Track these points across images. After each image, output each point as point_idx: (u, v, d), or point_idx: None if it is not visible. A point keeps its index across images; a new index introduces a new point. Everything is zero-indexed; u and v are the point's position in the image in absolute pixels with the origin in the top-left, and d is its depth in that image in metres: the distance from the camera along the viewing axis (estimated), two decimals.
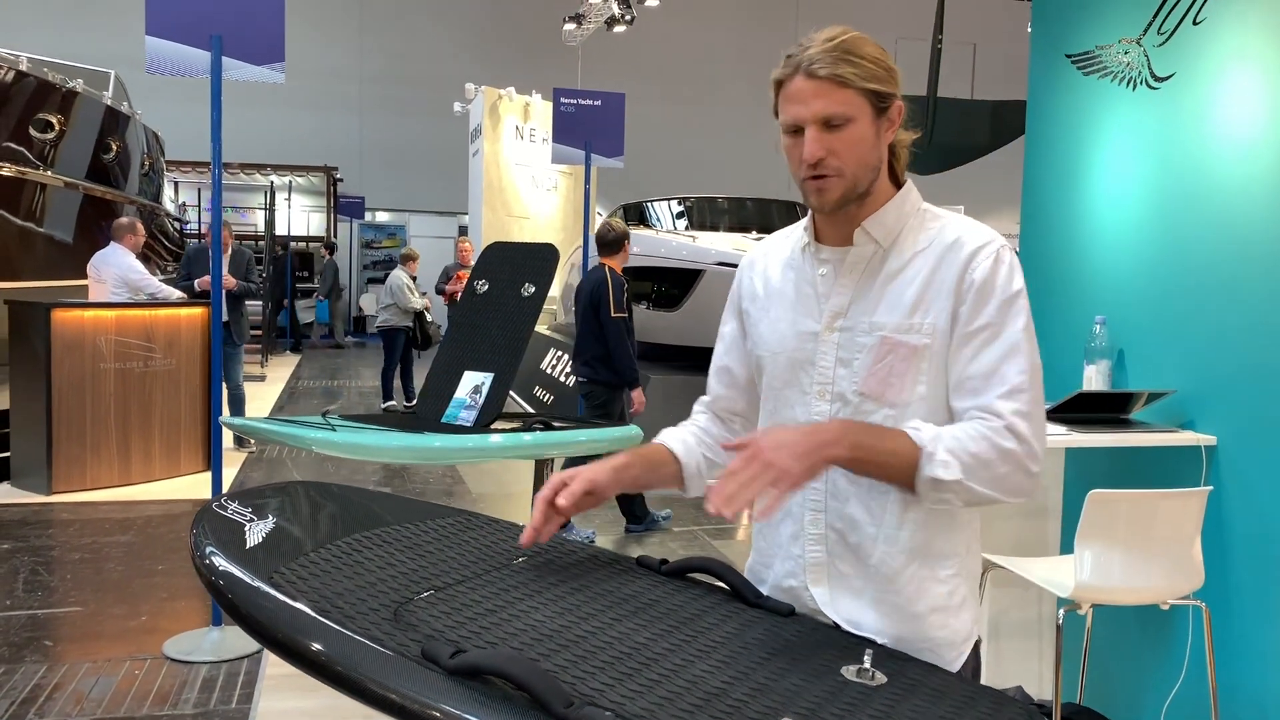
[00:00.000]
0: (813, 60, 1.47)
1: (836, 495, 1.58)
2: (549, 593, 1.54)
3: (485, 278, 4.22)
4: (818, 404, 1.57)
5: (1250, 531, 2.72)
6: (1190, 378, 2.95)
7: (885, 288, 1.53)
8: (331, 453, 3.41)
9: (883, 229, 1.55)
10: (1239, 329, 2.81)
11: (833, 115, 1.46)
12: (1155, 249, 3.12)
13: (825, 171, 1.48)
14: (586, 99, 7.04)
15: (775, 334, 1.64)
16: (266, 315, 14.37)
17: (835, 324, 1.56)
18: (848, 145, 1.47)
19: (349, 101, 20.14)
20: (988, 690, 1.39)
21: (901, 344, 1.51)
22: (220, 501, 1.74)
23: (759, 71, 7.55)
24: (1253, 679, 2.70)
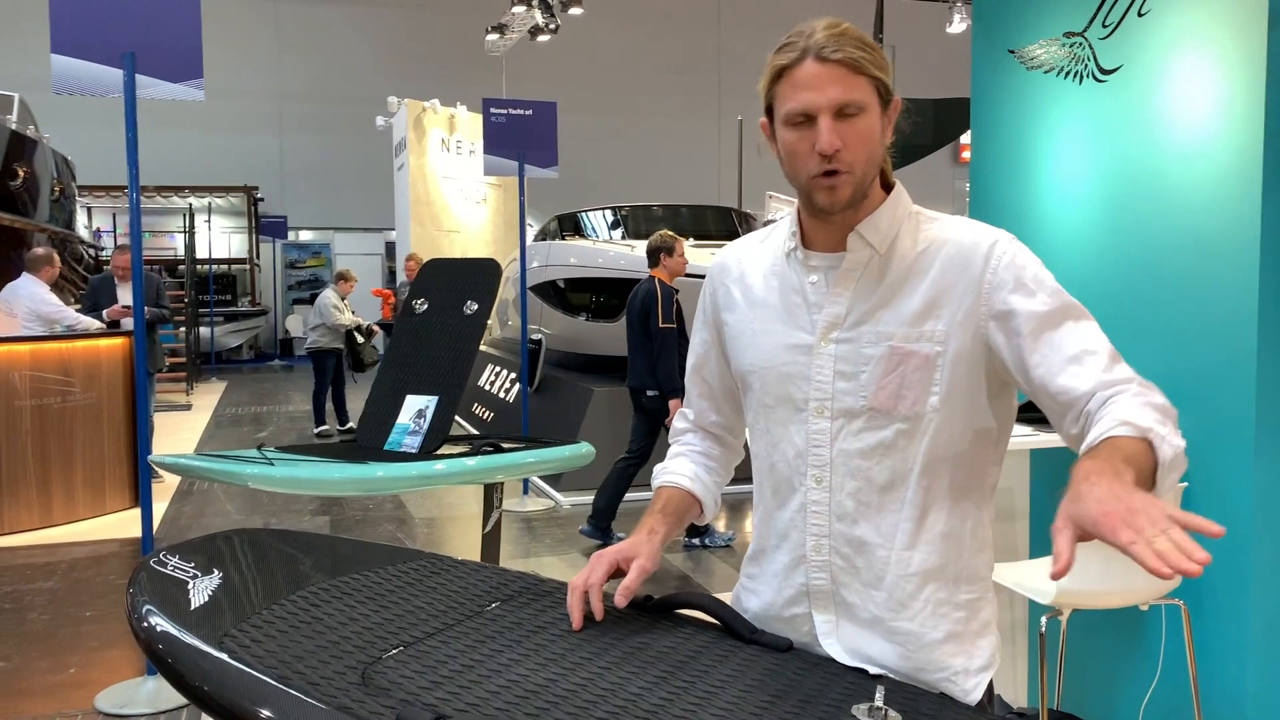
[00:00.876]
0: (824, 44, 1.36)
1: (843, 518, 1.47)
2: (529, 641, 1.42)
3: (424, 296, 4.06)
4: (816, 421, 1.47)
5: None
6: (1150, 373, 2.91)
7: (890, 295, 1.44)
8: (270, 488, 3.23)
9: (877, 233, 1.45)
10: (1194, 321, 2.79)
11: (849, 102, 1.36)
12: (1107, 243, 3.10)
13: (840, 166, 1.37)
14: (518, 109, 6.91)
15: (761, 348, 1.53)
16: (189, 341, 13.94)
17: (831, 335, 1.46)
18: (860, 138, 1.37)
19: (268, 119, 19.70)
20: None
21: (914, 353, 1.41)
22: (159, 556, 1.59)
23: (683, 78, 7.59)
24: (1229, 676, 2.67)
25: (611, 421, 7.52)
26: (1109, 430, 1.25)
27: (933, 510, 1.45)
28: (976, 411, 1.44)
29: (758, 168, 18.03)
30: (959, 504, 1.46)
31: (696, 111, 21.53)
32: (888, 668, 1.45)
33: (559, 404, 8.31)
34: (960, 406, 1.43)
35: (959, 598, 1.46)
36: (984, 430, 1.46)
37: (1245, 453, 2.62)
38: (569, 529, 6.45)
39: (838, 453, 1.46)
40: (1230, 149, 2.67)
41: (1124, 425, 1.25)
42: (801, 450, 1.49)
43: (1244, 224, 2.62)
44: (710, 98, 21.67)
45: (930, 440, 1.43)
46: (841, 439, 1.46)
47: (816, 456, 1.47)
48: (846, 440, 1.46)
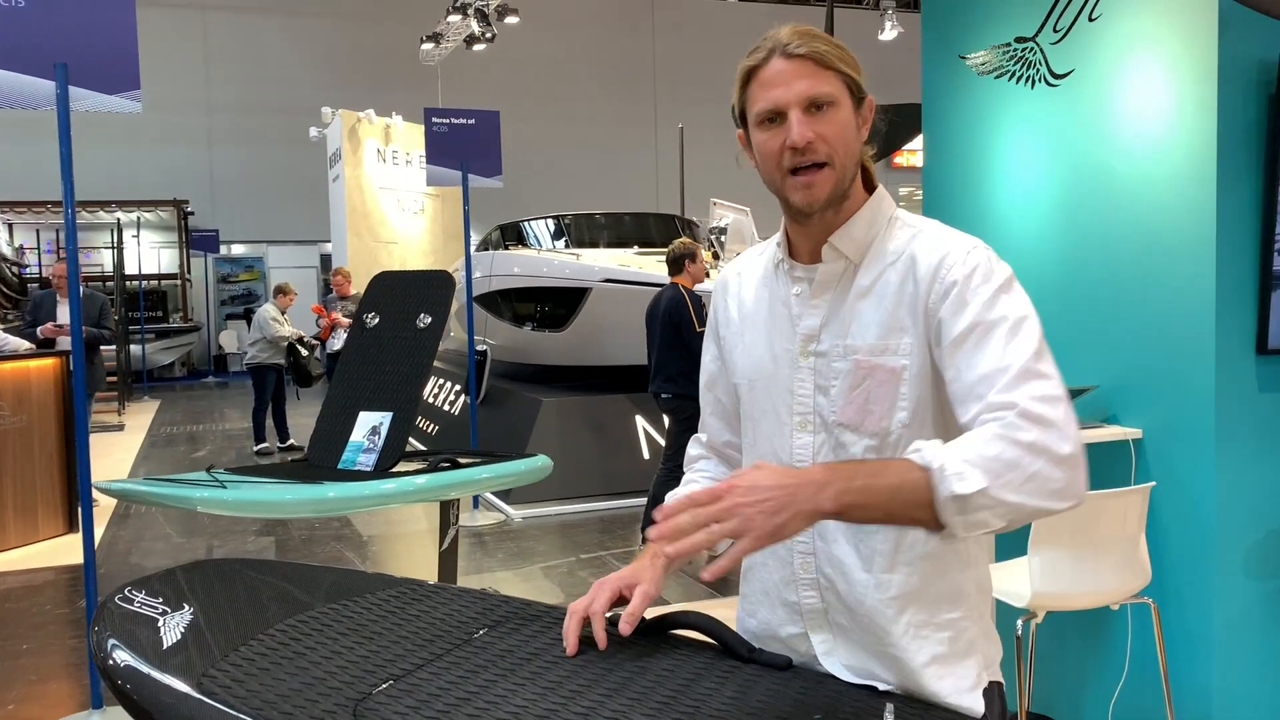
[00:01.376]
0: (788, 41, 1.36)
1: (824, 536, 1.44)
2: (523, 670, 1.37)
3: (375, 310, 3.98)
4: (799, 435, 1.45)
5: (1183, 524, 2.73)
6: (1109, 373, 2.95)
7: (857, 306, 1.41)
8: (223, 512, 3.13)
9: (852, 243, 1.42)
10: (1154, 319, 2.83)
11: (818, 95, 1.34)
12: (1063, 245, 3.13)
13: (816, 158, 1.35)
14: (460, 118, 6.82)
15: (750, 360, 1.51)
16: (121, 359, 13.57)
17: (809, 348, 1.44)
18: (835, 130, 1.35)
19: (197, 132, 19.27)
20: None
21: (879, 367, 1.38)
22: (124, 592, 1.51)
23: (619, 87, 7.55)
24: (1195, 672, 2.70)
25: (562, 432, 7.46)
26: (910, 449, 1.22)
27: (910, 531, 1.38)
28: (950, 428, 1.36)
29: (700, 174, 18.09)
30: None
31: (633, 120, 21.55)
32: (890, 686, 1.41)
33: (506, 416, 8.22)
34: (930, 422, 1.38)
35: (940, 618, 1.42)
36: None
37: (1207, 450, 2.66)
38: (521, 543, 6.37)
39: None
40: (1183, 150, 2.71)
41: (923, 449, 1.20)
42: (787, 464, 1.46)
43: (1199, 224, 2.66)
44: (646, 105, 21.71)
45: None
46: (823, 454, 1.44)
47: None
48: (826, 455, 1.43)
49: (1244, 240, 2.63)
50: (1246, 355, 2.66)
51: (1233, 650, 2.69)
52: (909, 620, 1.41)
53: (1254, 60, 2.61)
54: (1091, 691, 2.99)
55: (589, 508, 7.12)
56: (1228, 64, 2.60)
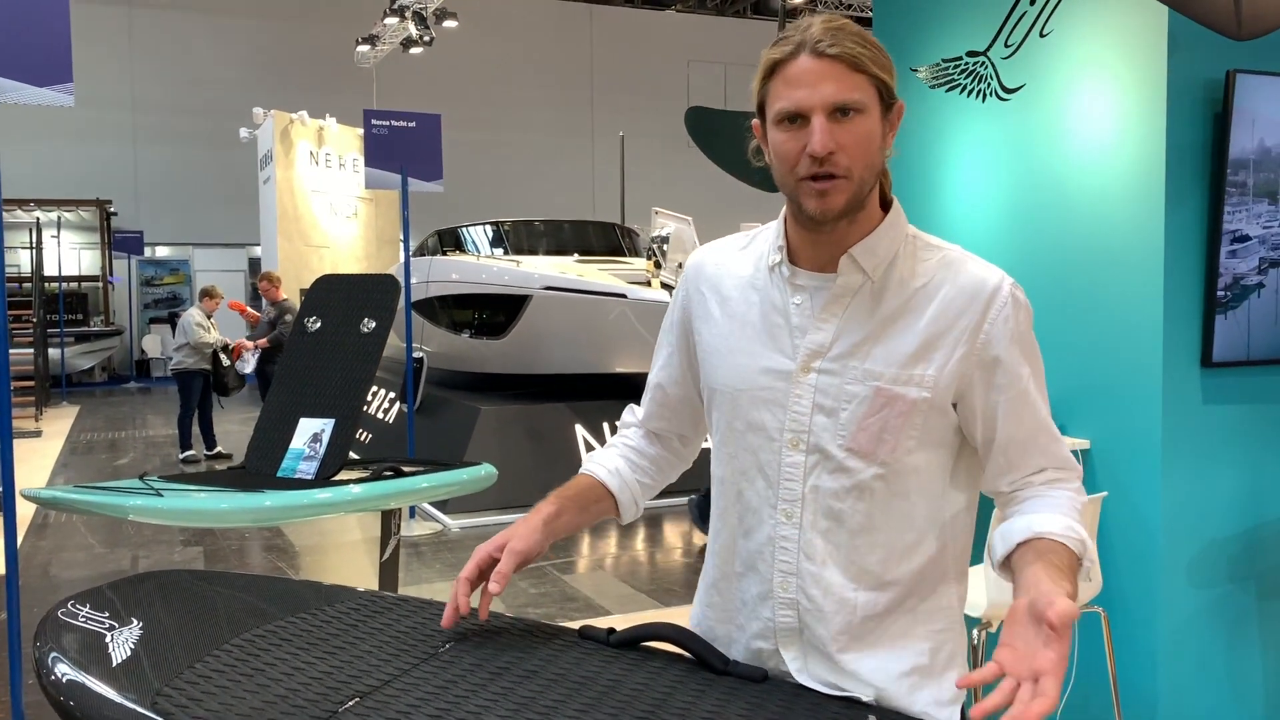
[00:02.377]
0: (820, 38, 1.26)
1: (811, 557, 1.40)
2: (495, 685, 1.32)
3: (316, 314, 3.88)
4: (790, 454, 1.39)
5: (1130, 533, 2.78)
6: (1058, 384, 2.98)
7: (883, 331, 1.35)
8: (158, 521, 3.01)
9: (873, 258, 1.35)
10: (1102, 332, 2.87)
11: (846, 101, 1.25)
12: (1014, 258, 3.16)
13: (833, 170, 1.26)
14: (400, 120, 6.72)
15: (735, 368, 1.44)
16: (39, 363, 13.11)
17: (813, 364, 1.37)
18: (858, 141, 1.27)
19: (121, 130, 18.75)
20: None
21: (901, 397, 1.33)
22: (67, 607, 1.43)
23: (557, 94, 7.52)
24: (1141, 678, 2.75)
25: (500, 440, 7.38)
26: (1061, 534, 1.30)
27: (903, 550, 1.39)
28: (947, 451, 1.40)
29: (639, 183, 18.10)
30: (929, 539, 1.40)
31: (571, 128, 21.52)
32: (867, 697, 1.39)
33: (443, 424, 8.10)
34: (935, 448, 1.38)
35: (922, 629, 1.41)
36: (952, 465, 1.41)
37: (1153, 462, 2.70)
38: (459, 553, 6.27)
39: (810, 489, 1.39)
40: (1132, 165, 2.76)
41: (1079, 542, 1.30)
42: (773, 482, 1.41)
43: (1147, 236, 2.71)
44: (583, 114, 21.71)
45: (905, 483, 1.37)
46: (815, 476, 1.38)
47: (788, 490, 1.40)
48: (820, 478, 1.38)
49: (1190, 255, 2.68)
50: (1192, 368, 2.71)
51: (1177, 657, 2.74)
52: (893, 633, 1.39)
53: (1201, 79, 2.67)
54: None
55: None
56: (1176, 82, 2.65)
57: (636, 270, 8.04)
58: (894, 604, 1.39)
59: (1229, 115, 2.65)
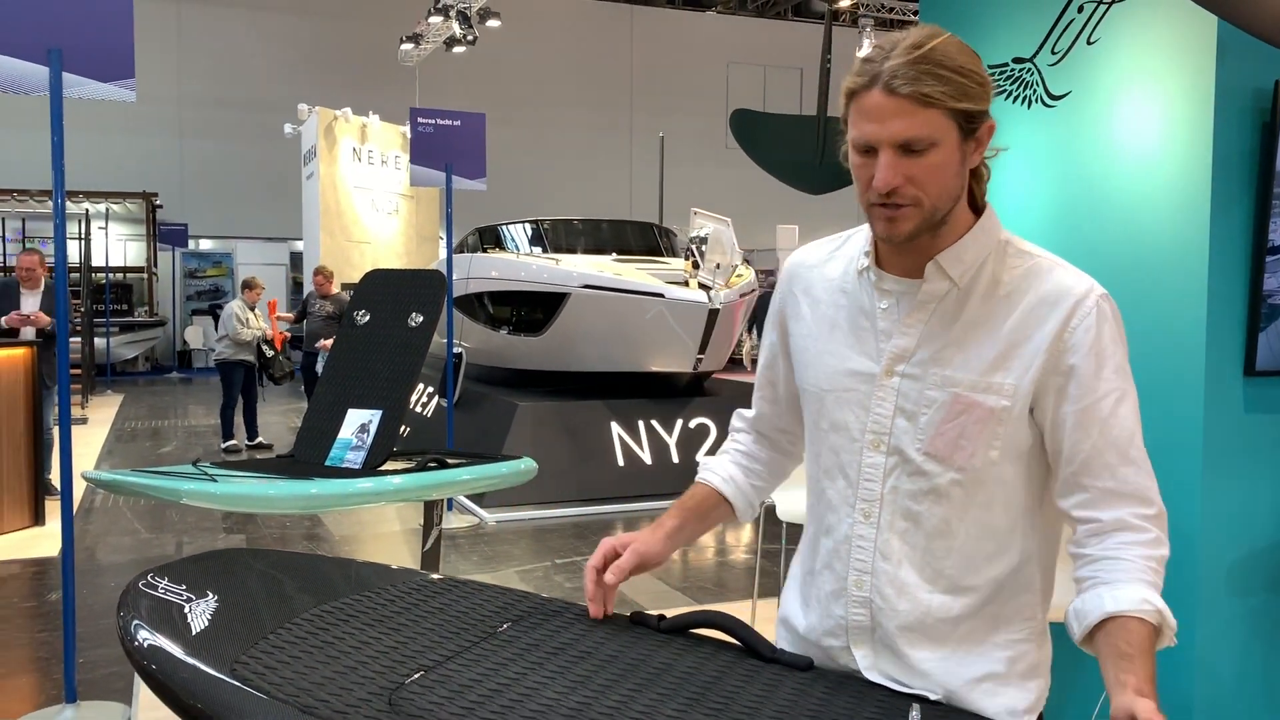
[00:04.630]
0: (894, 73, 1.25)
1: (888, 557, 1.41)
2: (551, 664, 1.38)
3: (366, 308, 3.96)
4: (870, 455, 1.41)
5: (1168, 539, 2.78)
6: None
7: (965, 337, 1.36)
8: (209, 505, 3.10)
9: (960, 265, 1.36)
10: (1144, 340, 2.88)
11: (914, 139, 1.26)
12: None
13: (901, 200, 1.29)
14: (445, 119, 6.81)
15: (822, 368, 1.46)
16: (86, 352, 13.37)
17: (897, 368, 1.39)
18: (929, 173, 1.28)
19: (168, 124, 19.07)
20: None
21: (978, 404, 1.34)
22: (147, 579, 1.50)
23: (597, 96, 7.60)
24: (1179, 685, 2.75)
25: (537, 436, 7.45)
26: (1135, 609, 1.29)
27: (982, 558, 1.40)
28: (1035, 462, 1.40)
29: (677, 183, 18.14)
30: (1012, 550, 1.40)
31: (609, 127, 21.60)
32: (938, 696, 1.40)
33: (481, 419, 8.19)
34: (1014, 458, 1.37)
35: (998, 638, 1.41)
36: (1044, 478, 1.41)
37: (1194, 469, 2.71)
38: (496, 546, 6.35)
39: (889, 490, 1.41)
40: (1178, 173, 2.76)
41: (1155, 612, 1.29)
42: (853, 481, 1.44)
43: (1192, 245, 2.71)
44: (623, 114, 21.78)
45: (984, 494, 1.38)
46: (894, 477, 1.40)
47: (867, 490, 1.42)
48: (899, 479, 1.40)
49: (1235, 263, 2.69)
50: (1235, 376, 2.71)
51: (1213, 665, 2.75)
52: (969, 634, 1.40)
53: (1250, 88, 2.67)
54: (1073, 704, 3.03)
55: (563, 513, 7.11)
56: (1224, 91, 2.66)
57: (674, 270, 8.08)
58: (970, 609, 1.40)
59: (1277, 125, 2.66)
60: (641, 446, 7.78)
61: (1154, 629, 1.28)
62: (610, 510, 7.23)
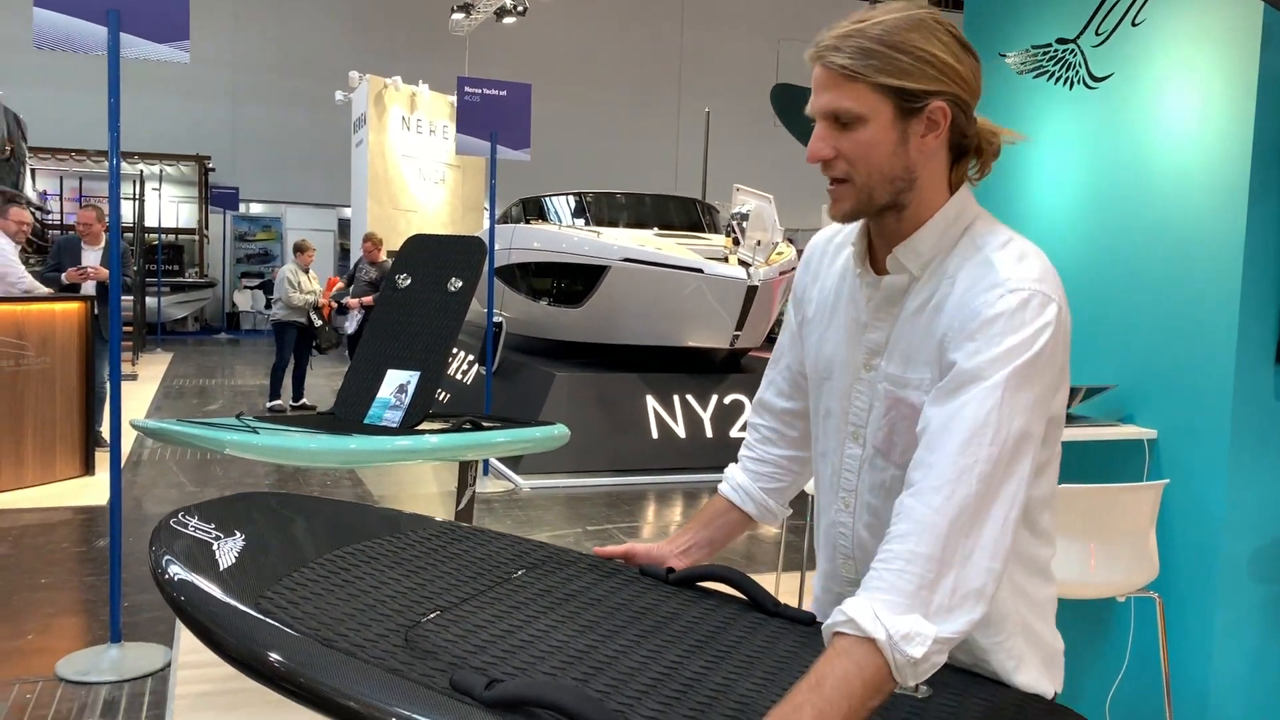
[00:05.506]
0: (827, 47, 1.27)
1: (860, 546, 1.45)
2: (562, 609, 1.43)
3: (407, 271, 4.04)
4: (850, 446, 1.44)
5: (1192, 523, 2.79)
6: (1130, 373, 3.00)
7: (904, 330, 1.34)
8: (251, 456, 3.20)
9: (916, 258, 1.33)
10: (1175, 324, 2.88)
11: (839, 111, 1.26)
12: (1093, 247, 3.18)
13: (835, 174, 1.30)
14: (492, 89, 6.86)
15: (823, 357, 1.47)
16: (137, 310, 13.66)
17: (872, 361, 1.39)
18: (857, 149, 1.27)
19: (222, 89, 19.31)
20: (1038, 699, 1.35)
21: (901, 400, 1.33)
22: (178, 517, 1.57)
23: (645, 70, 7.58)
24: (1195, 667, 2.77)
25: (572, 406, 7.53)
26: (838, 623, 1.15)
27: None
28: None
29: (723, 160, 18.07)
30: None
31: (656, 103, 21.53)
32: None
33: (519, 387, 8.29)
34: None
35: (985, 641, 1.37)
36: None
37: (1220, 451, 2.71)
38: (529, 511, 6.45)
39: (861, 482, 1.43)
40: (1217, 158, 2.75)
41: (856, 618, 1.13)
42: (836, 470, 1.47)
43: (1228, 231, 2.70)
44: (670, 90, 21.69)
45: None
46: (865, 470, 1.42)
47: (846, 480, 1.45)
48: (867, 473, 1.42)
49: (1270, 250, 2.67)
50: (1266, 364, 2.70)
51: (1232, 650, 2.75)
52: None
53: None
54: (1091, 681, 3.06)
55: (596, 482, 7.19)
56: (1268, 76, 2.63)
57: (714, 246, 8.09)
58: None
59: None
60: (676, 420, 7.83)
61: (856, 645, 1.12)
62: (643, 481, 7.30)
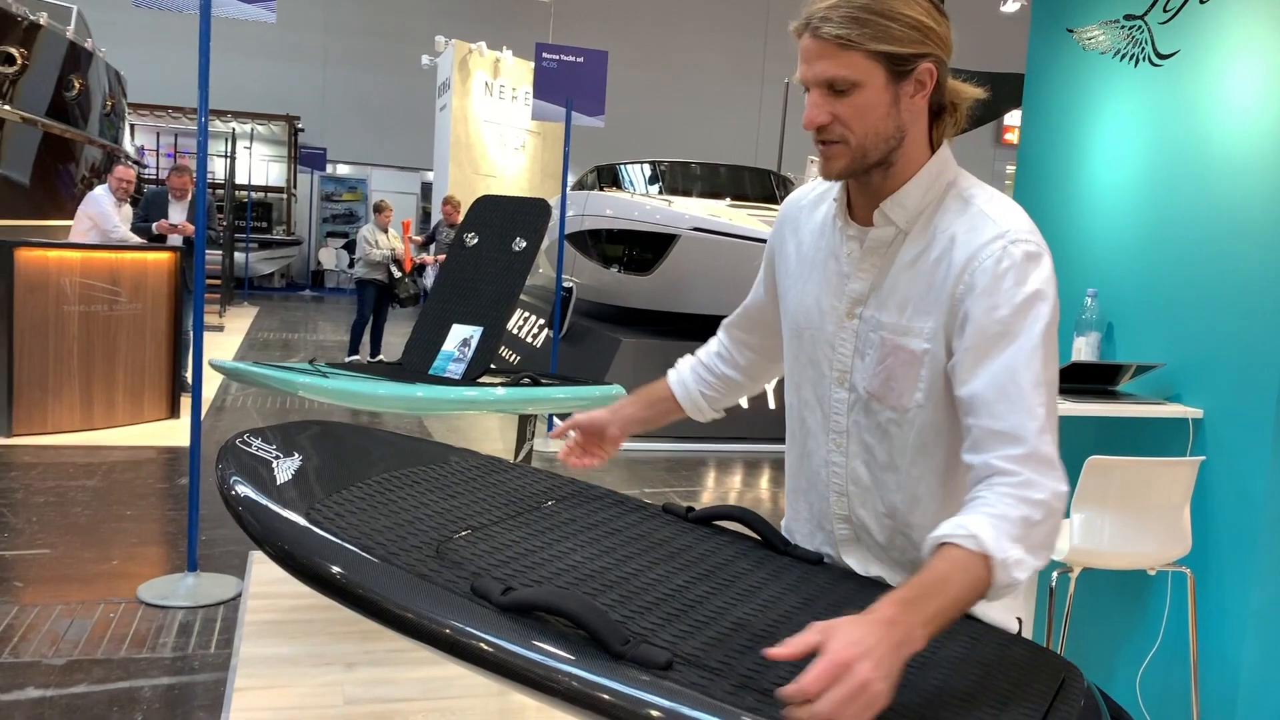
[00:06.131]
0: (818, 17, 1.34)
1: (856, 482, 1.54)
2: (583, 535, 1.55)
3: (474, 231, 4.19)
4: (836, 390, 1.52)
5: (1232, 501, 2.80)
6: (1179, 351, 3.01)
7: (897, 281, 1.42)
8: (320, 398, 3.38)
9: (903, 211, 1.42)
10: (1228, 305, 2.87)
11: (835, 79, 1.34)
12: (1149, 225, 3.17)
13: (829, 138, 1.37)
14: (569, 55, 6.96)
15: (802, 308, 1.56)
16: (225, 265, 14.13)
17: (855, 310, 1.47)
18: (854, 112, 1.35)
19: (313, 51, 19.75)
20: (1019, 639, 1.43)
21: (900, 347, 1.42)
22: (243, 438, 1.72)
23: (730, 40, 7.63)
24: (1229, 645, 2.78)
25: (637, 371, 7.65)
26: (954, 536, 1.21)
27: (928, 498, 1.48)
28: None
29: (800, 132, 17.98)
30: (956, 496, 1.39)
31: (741, 74, 21.42)
32: None
33: (586, 352, 8.43)
34: (944, 403, 1.41)
35: None
36: None
37: (1265, 433, 2.71)
38: (588, 472, 6.58)
39: (852, 423, 1.51)
40: (1278, 140, 2.73)
41: (979, 536, 1.20)
42: (826, 413, 1.55)
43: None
44: (755, 61, 21.54)
45: (917, 432, 1.45)
46: (855, 412, 1.50)
47: (836, 423, 1.53)
48: (858, 414, 1.50)
49: None
50: None
51: (1267, 629, 2.76)
52: None
53: None
54: (1124, 655, 3.09)
55: (656, 447, 7.31)
56: None
57: None
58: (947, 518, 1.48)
59: None
60: None
61: (978, 560, 1.19)
62: (703, 449, 7.40)
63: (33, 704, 3.06)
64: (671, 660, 1.15)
